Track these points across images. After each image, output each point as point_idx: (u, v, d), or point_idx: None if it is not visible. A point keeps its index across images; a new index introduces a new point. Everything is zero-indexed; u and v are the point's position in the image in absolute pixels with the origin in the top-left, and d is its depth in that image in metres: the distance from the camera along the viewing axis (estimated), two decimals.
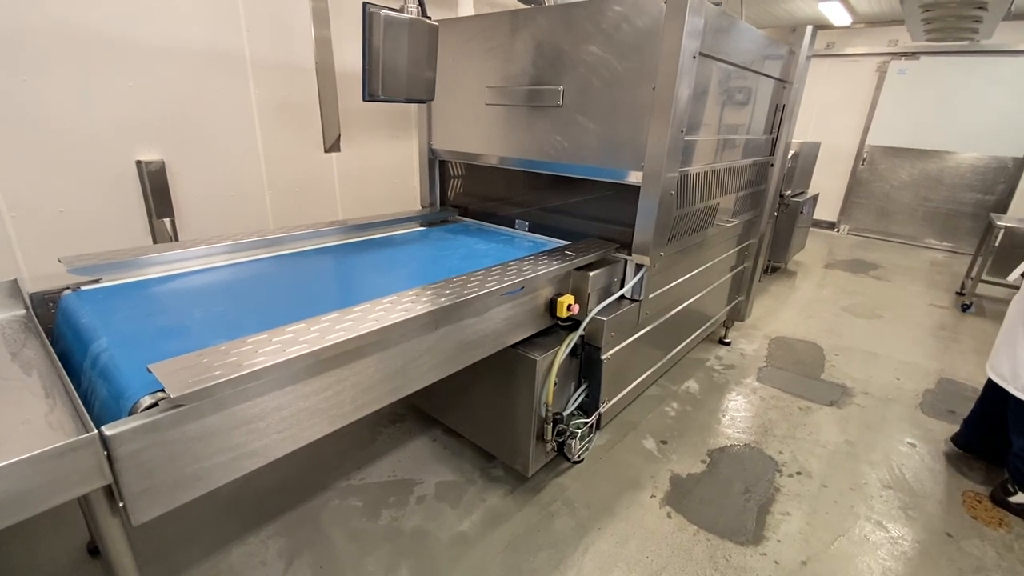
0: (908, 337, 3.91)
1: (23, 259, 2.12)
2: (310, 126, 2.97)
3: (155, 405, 0.94)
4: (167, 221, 2.48)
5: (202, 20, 2.41)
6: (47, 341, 1.22)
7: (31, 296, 1.42)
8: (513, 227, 2.55)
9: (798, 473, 2.34)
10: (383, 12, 1.64)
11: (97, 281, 1.55)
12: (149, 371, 0.95)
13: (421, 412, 2.59)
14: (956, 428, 2.56)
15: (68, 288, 1.48)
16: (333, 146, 3.09)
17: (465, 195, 2.86)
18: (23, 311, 1.39)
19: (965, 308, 4.52)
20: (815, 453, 2.48)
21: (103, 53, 2.15)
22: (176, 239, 2.51)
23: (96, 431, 0.85)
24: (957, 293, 4.96)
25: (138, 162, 2.34)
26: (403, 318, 1.27)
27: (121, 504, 0.92)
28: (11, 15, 1.91)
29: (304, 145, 2.98)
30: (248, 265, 1.83)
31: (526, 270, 1.73)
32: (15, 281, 1.40)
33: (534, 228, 2.49)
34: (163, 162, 2.41)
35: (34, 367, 1.13)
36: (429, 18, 1.77)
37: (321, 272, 1.87)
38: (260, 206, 2.87)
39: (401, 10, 1.70)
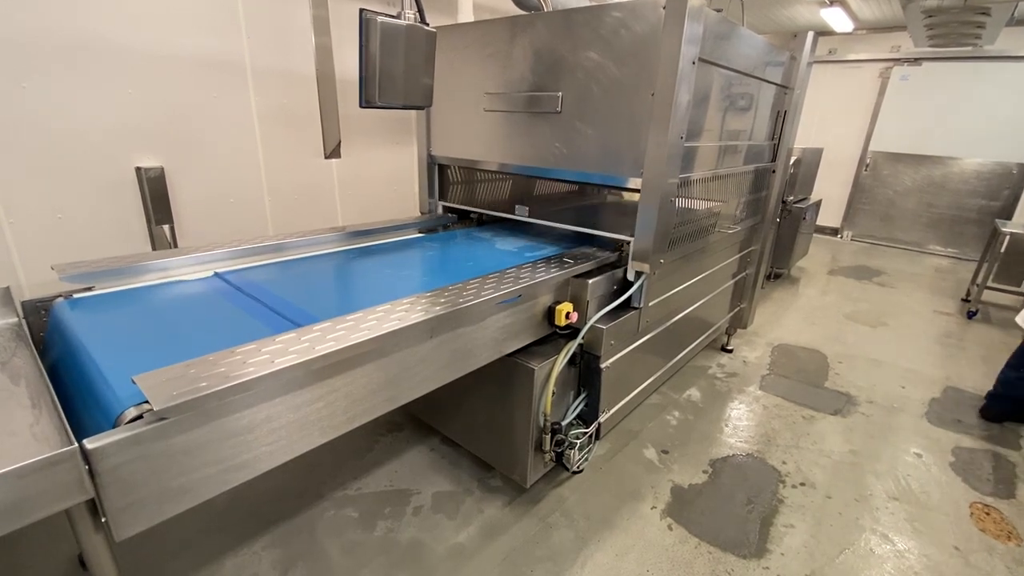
0: (913, 345, 3.87)
1: (21, 266, 2.11)
2: (310, 133, 2.97)
3: (140, 417, 0.92)
4: (166, 228, 2.47)
5: (202, 27, 2.41)
6: (35, 351, 1.21)
7: (23, 304, 1.40)
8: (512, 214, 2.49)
9: (802, 484, 2.30)
10: (379, 19, 1.63)
11: (90, 289, 1.54)
12: (134, 382, 0.93)
13: (419, 421, 2.57)
14: (962, 437, 2.52)
15: (60, 296, 1.47)
16: (333, 153, 3.09)
17: (463, 201, 2.84)
18: (15, 319, 1.37)
19: (971, 315, 4.47)
20: (819, 463, 2.44)
21: (103, 60, 2.15)
22: (175, 246, 2.50)
23: (76, 444, 0.83)
24: (963, 300, 4.91)
25: (137, 169, 2.33)
26: (397, 327, 1.25)
27: (104, 519, 0.89)
28: (10, 22, 1.91)
29: (304, 152, 2.98)
30: (245, 272, 1.82)
31: (523, 277, 1.71)
32: (7, 289, 1.39)
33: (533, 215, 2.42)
34: (162, 169, 2.40)
35: (22, 377, 1.11)
36: (427, 24, 1.76)
37: (318, 279, 1.85)
38: (260, 212, 2.86)
39: (398, 16, 1.69)
